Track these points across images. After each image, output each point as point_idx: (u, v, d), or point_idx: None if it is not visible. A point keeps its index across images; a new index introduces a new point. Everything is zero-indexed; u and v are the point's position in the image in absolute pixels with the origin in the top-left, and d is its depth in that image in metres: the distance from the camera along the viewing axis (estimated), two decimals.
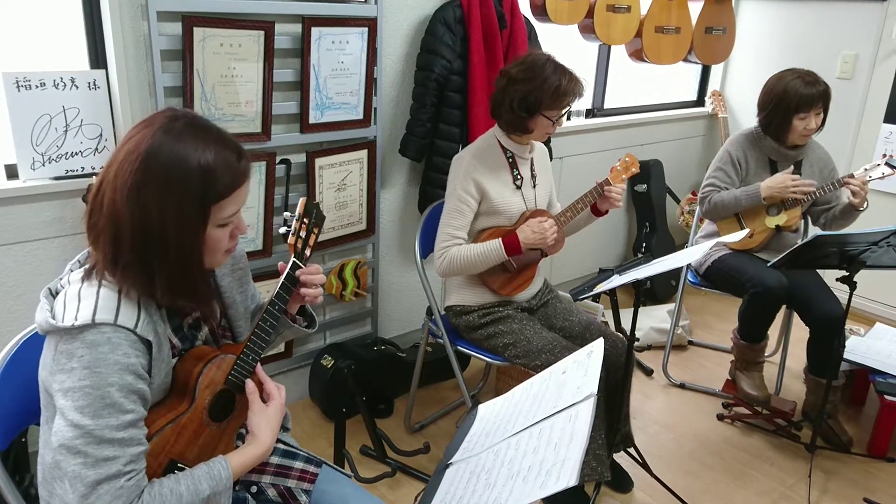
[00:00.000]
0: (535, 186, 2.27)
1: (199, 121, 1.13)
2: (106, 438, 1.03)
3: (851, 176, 2.53)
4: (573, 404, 1.05)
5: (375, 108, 2.58)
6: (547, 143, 2.65)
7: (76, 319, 1.05)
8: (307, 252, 1.35)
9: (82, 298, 1.08)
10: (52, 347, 1.08)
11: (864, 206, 2.58)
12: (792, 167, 2.68)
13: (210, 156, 1.09)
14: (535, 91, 2.04)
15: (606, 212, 2.29)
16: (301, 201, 1.35)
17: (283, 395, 1.31)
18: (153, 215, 1.07)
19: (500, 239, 2.11)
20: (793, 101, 2.53)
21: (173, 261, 1.09)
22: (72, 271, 1.17)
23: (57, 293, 1.14)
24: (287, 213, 1.36)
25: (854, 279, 2.25)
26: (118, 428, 1.04)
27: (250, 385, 1.26)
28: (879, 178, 2.53)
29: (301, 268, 1.33)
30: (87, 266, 1.14)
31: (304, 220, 1.34)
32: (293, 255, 1.33)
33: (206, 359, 1.20)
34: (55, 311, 1.09)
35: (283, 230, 1.35)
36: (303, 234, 1.33)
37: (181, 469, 1.16)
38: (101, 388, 1.03)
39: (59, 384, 1.05)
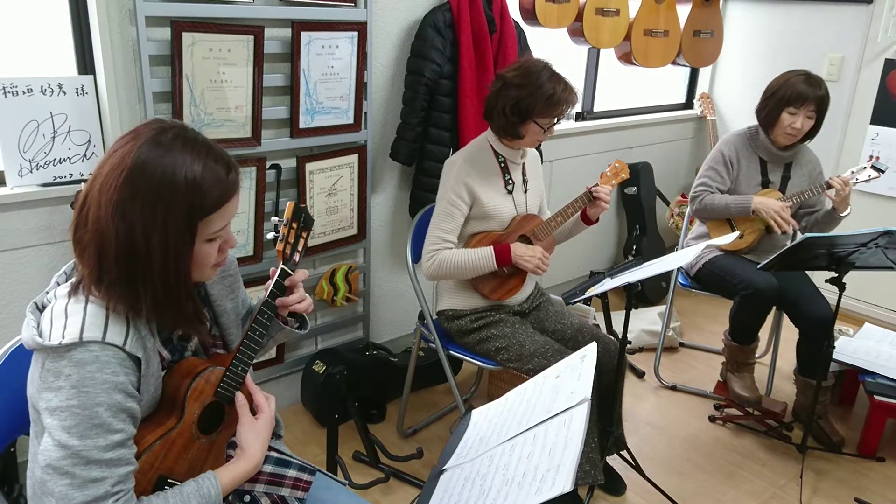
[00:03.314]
0: (526, 191, 2.27)
1: (188, 132, 1.10)
2: (94, 459, 1.01)
3: (839, 177, 2.56)
4: (567, 409, 1.05)
5: (366, 113, 2.58)
6: (538, 146, 2.65)
7: (63, 337, 1.02)
8: (296, 257, 1.33)
9: (69, 315, 1.05)
10: (40, 365, 1.06)
11: (847, 211, 2.61)
12: (785, 169, 2.70)
13: (198, 169, 1.06)
14: (529, 97, 2.04)
15: (597, 220, 2.29)
16: (289, 205, 1.33)
17: (272, 407, 1.29)
18: (138, 232, 1.04)
19: (491, 247, 2.11)
20: (787, 92, 2.56)
21: (159, 278, 1.07)
22: (58, 284, 1.14)
23: (43, 307, 1.12)
24: (275, 218, 1.35)
25: (843, 280, 2.26)
26: (106, 448, 1.02)
27: (240, 398, 1.24)
28: (865, 181, 2.57)
29: (290, 275, 1.31)
30: (73, 280, 1.11)
31: (293, 224, 1.33)
32: (281, 261, 1.31)
33: (194, 372, 1.18)
34: (42, 327, 1.06)
35: (270, 235, 1.34)
36: (291, 239, 1.32)
37: (171, 485, 1.15)
38: (89, 408, 1.01)
39: (47, 402, 1.03)
